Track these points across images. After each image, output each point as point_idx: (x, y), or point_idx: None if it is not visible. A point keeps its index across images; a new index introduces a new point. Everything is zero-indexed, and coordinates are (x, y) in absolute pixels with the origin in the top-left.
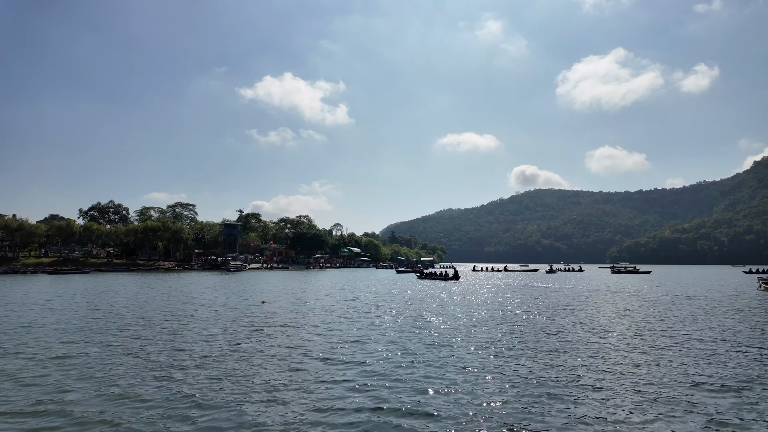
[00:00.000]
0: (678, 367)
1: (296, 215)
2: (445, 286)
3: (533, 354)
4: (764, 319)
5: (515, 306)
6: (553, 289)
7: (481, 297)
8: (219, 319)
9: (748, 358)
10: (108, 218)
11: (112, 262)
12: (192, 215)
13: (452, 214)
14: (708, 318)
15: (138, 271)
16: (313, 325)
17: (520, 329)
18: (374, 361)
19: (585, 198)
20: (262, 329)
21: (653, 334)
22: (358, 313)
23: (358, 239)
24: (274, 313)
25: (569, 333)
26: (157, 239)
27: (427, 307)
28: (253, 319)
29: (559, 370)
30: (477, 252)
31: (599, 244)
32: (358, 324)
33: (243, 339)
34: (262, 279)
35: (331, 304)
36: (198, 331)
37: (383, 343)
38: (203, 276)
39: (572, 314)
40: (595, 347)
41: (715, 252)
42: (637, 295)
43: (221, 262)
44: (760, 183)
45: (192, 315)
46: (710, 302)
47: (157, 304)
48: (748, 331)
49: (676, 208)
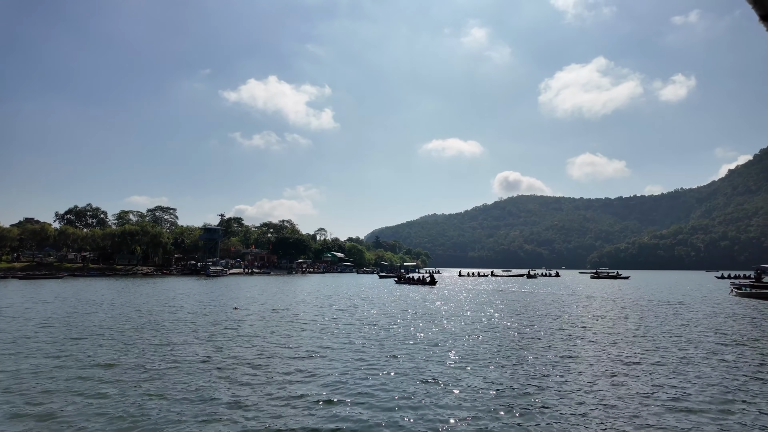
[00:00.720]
0: (650, 376)
1: (279, 220)
2: (420, 291)
3: (499, 361)
4: (738, 325)
5: (487, 311)
6: (529, 294)
7: (454, 302)
8: (182, 325)
9: (722, 365)
10: (86, 222)
11: (87, 267)
12: (173, 219)
13: (437, 220)
14: (681, 324)
15: (115, 276)
16: (279, 334)
17: (489, 337)
18: (332, 374)
19: (566, 204)
20: (225, 337)
21: (626, 342)
22: (326, 321)
23: (342, 244)
24: (242, 321)
25: (539, 340)
26: (136, 244)
27: (397, 313)
28: (218, 327)
29: (525, 380)
30: (461, 257)
31: (580, 249)
32: (324, 332)
33: (199, 349)
34: (240, 284)
35: (303, 311)
36: (154, 340)
37: (345, 353)
38: (181, 281)
39: (543, 320)
40: (562, 353)
41: (692, 257)
42: (612, 300)
43: (201, 267)
44: (734, 191)
45: (154, 322)
46: (683, 307)
47: (119, 311)
48: (719, 336)
49: (655, 215)
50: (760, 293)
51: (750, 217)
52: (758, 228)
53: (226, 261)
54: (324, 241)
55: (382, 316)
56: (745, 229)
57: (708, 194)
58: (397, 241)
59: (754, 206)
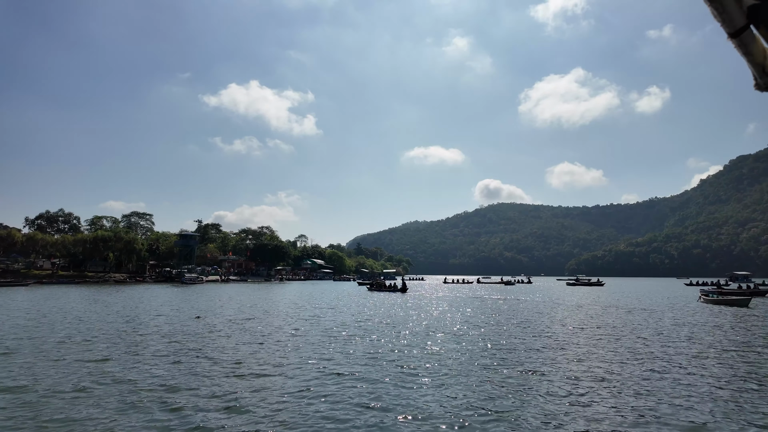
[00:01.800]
0: (612, 385)
1: (259, 226)
2: (391, 298)
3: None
4: (707, 333)
5: (452, 317)
6: (504, 300)
7: (420, 310)
8: (134, 337)
9: (687, 374)
10: (57, 228)
11: (57, 274)
12: (149, 225)
13: (419, 227)
14: (650, 331)
15: (85, 284)
16: (224, 349)
17: (452, 348)
18: (262, 404)
19: (546, 212)
20: (174, 348)
21: (592, 350)
22: (284, 334)
23: (322, 251)
24: (198, 333)
25: (504, 348)
26: (108, 250)
27: (359, 323)
28: (173, 338)
29: (485, 390)
30: (442, 264)
31: (559, 256)
32: (279, 347)
33: (140, 362)
34: (214, 292)
35: (265, 322)
36: (83, 355)
37: (286, 378)
38: (153, 289)
39: (509, 326)
40: (521, 365)
41: (666, 265)
42: (578, 308)
43: (176, 275)
44: (705, 200)
45: (105, 332)
46: (652, 313)
47: (69, 321)
48: (686, 343)
49: (631, 223)
50: (725, 300)
51: (720, 225)
52: (728, 236)
53: (203, 268)
54: (304, 248)
55: (346, 327)
56: (716, 238)
57: (681, 203)
58: (378, 248)
59: (724, 215)
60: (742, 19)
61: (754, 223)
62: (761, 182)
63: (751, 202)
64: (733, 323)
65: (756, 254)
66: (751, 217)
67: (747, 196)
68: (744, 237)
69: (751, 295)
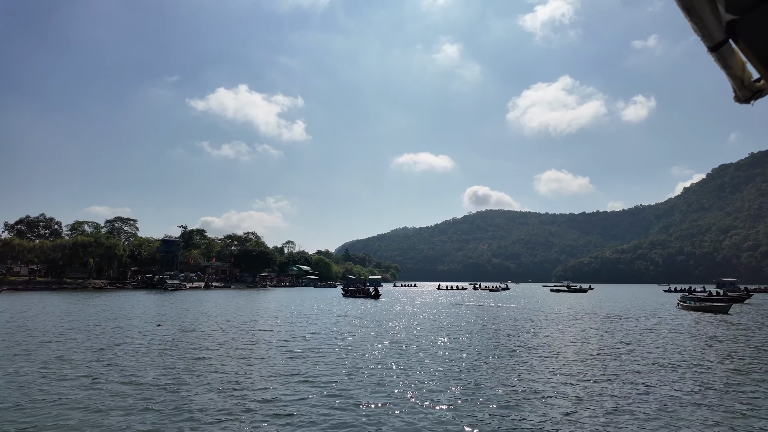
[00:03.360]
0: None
1: (245, 232)
2: (366, 304)
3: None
4: (681, 340)
5: (423, 326)
6: (484, 307)
7: (391, 317)
8: (83, 345)
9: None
10: (38, 233)
11: (34, 281)
12: (133, 231)
13: (407, 233)
14: (626, 338)
15: (63, 290)
16: (160, 367)
17: (420, 358)
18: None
19: (533, 219)
20: (120, 358)
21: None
22: (234, 348)
23: (308, 257)
24: (151, 341)
25: (469, 359)
26: (88, 256)
27: (317, 334)
28: (124, 347)
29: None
30: (430, 270)
31: (546, 263)
32: (230, 356)
33: (80, 375)
34: (192, 299)
35: (222, 332)
36: (42, 359)
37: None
38: (132, 295)
39: (482, 335)
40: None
41: (651, 271)
42: (557, 315)
43: (157, 281)
44: (689, 207)
45: (54, 341)
46: (634, 322)
47: (21, 330)
48: (660, 351)
49: (617, 230)
50: (704, 306)
51: (704, 233)
52: (711, 243)
53: (186, 274)
54: (290, 254)
55: (307, 339)
56: (699, 245)
57: (665, 211)
58: (367, 254)
59: (707, 223)
60: (721, 33)
61: (735, 230)
62: (742, 190)
63: (732, 210)
64: (715, 333)
65: (738, 261)
66: (733, 225)
67: (729, 204)
68: (726, 244)
69: (730, 301)
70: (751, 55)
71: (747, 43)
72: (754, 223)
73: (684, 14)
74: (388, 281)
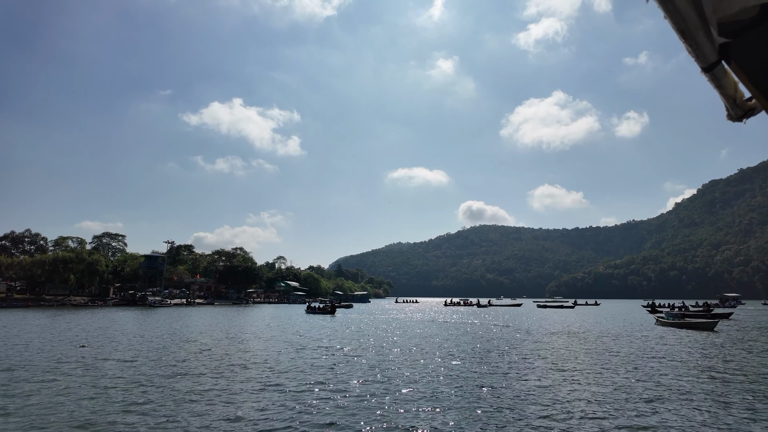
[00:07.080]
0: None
1: (233, 247)
2: (325, 321)
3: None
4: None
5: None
6: (453, 324)
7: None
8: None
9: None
10: (23, 249)
11: (11, 298)
12: (121, 246)
13: (401, 248)
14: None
15: (39, 308)
16: (91, 384)
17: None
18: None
19: (526, 234)
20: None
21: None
22: (169, 373)
23: (297, 273)
24: (64, 364)
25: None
26: (69, 272)
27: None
28: (25, 373)
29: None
30: (424, 286)
31: (540, 278)
32: (155, 381)
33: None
34: (165, 316)
35: (174, 350)
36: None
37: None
38: (109, 312)
39: (454, 350)
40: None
41: (644, 287)
42: (527, 333)
43: (139, 298)
44: (680, 223)
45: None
46: (615, 339)
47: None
48: (633, 372)
49: (610, 245)
50: (688, 323)
51: (695, 248)
52: (702, 258)
53: (170, 291)
54: (278, 270)
55: (256, 363)
56: (691, 260)
57: (658, 226)
58: (360, 270)
59: (698, 238)
60: (714, 55)
61: (727, 245)
62: (732, 206)
63: (723, 225)
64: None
65: (729, 276)
66: (724, 240)
67: (720, 219)
68: (718, 259)
69: (716, 318)
70: (743, 76)
71: (739, 65)
72: (744, 238)
73: (678, 36)
74: (380, 297)
